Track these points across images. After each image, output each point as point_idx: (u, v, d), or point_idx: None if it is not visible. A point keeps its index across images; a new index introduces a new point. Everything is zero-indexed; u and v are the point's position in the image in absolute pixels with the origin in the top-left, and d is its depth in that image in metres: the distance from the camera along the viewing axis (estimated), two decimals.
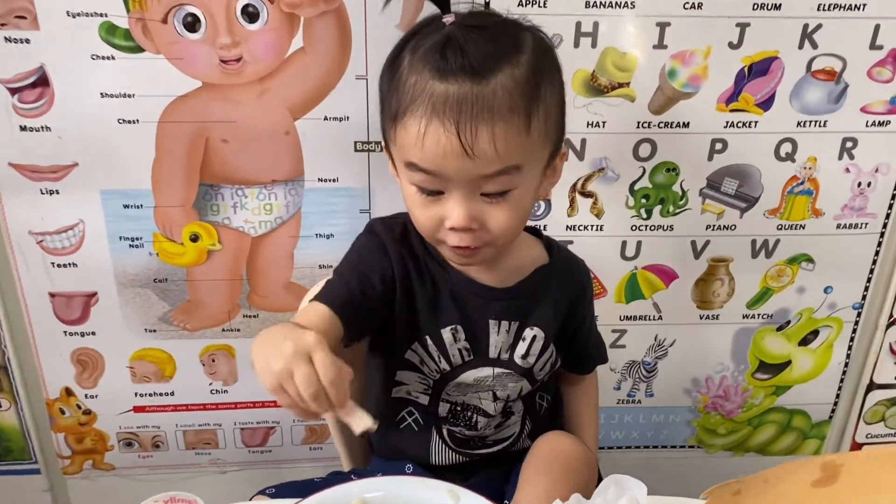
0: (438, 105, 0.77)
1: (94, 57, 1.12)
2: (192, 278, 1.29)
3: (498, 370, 0.96)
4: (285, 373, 0.66)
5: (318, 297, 0.89)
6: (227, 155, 1.20)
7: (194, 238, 1.26)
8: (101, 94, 1.15)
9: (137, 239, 1.25)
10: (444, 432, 1.00)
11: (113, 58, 1.12)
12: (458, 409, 0.98)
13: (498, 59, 0.78)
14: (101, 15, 1.10)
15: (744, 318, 1.42)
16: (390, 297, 0.92)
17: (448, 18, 0.80)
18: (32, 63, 1.12)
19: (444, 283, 0.94)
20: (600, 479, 0.96)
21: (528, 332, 0.96)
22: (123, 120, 1.16)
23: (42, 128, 1.16)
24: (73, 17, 1.09)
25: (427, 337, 0.94)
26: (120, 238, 1.25)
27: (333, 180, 1.24)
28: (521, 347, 0.96)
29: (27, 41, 1.10)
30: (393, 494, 0.72)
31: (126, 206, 1.23)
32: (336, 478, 1.02)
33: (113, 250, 1.26)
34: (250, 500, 0.93)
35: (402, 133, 0.80)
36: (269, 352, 0.68)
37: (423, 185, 0.82)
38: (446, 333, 0.93)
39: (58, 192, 1.21)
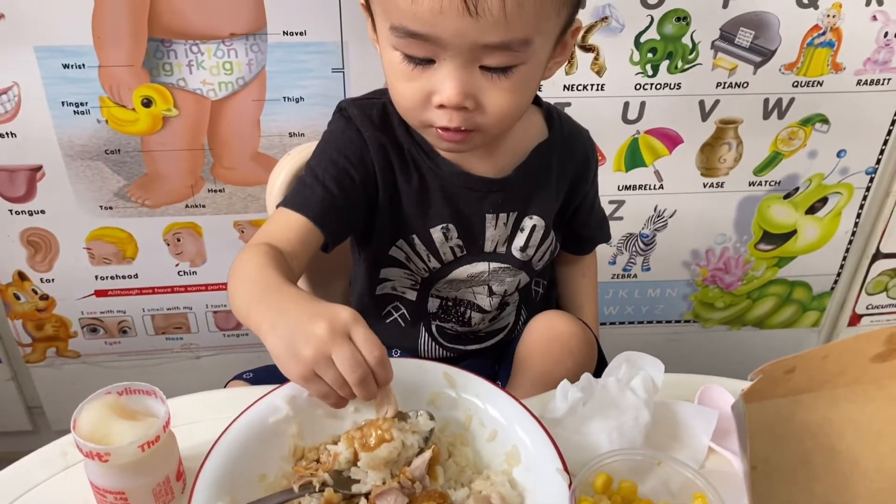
0: None
1: None
2: (148, 149, 1.16)
3: (494, 265, 0.86)
4: (321, 358, 0.56)
5: (290, 203, 0.76)
6: (177, 3, 1.06)
7: (147, 102, 1.13)
8: None
9: (83, 104, 1.12)
10: (434, 328, 0.90)
11: None
12: (450, 304, 0.89)
13: None
14: None
15: (750, 185, 1.32)
16: (372, 193, 0.80)
17: None
18: None
19: (432, 177, 0.81)
20: (602, 359, 0.90)
21: (528, 222, 0.85)
22: None
23: None
24: None
25: (414, 236, 0.82)
26: (63, 103, 1.12)
27: (301, 34, 1.10)
28: (520, 239, 0.86)
29: None
30: None
31: (66, 66, 1.09)
32: None
33: (56, 117, 1.12)
34: (226, 385, 0.86)
35: None
36: (294, 334, 0.57)
37: (411, 51, 0.67)
38: (436, 233, 0.82)
39: None
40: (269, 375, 0.86)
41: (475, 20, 0.62)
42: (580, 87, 1.19)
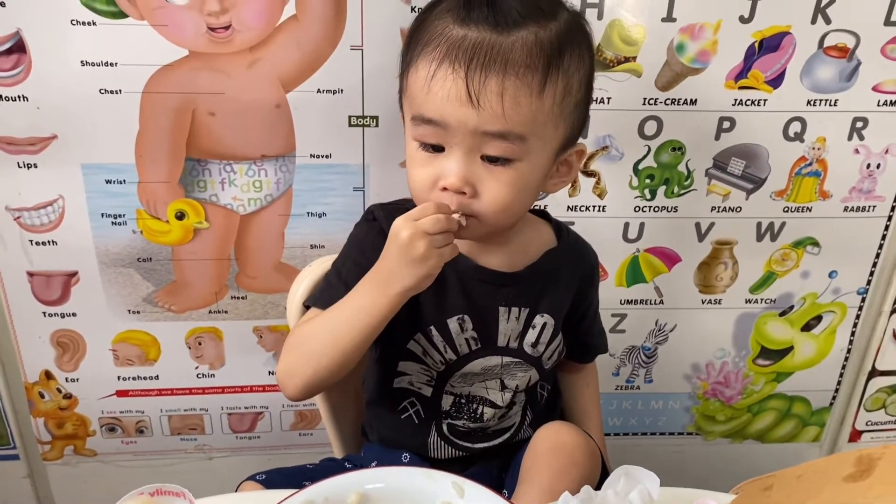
0: (452, 48, 0.74)
1: (74, 22, 1.06)
2: (178, 258, 1.24)
3: (507, 359, 0.92)
4: (423, 240, 0.76)
5: (318, 302, 0.86)
6: (214, 128, 1.15)
7: (180, 216, 1.21)
8: (82, 62, 1.08)
9: (120, 216, 1.20)
10: (444, 427, 0.95)
11: (94, 23, 1.06)
12: (463, 401, 0.94)
13: (525, 18, 0.74)
14: None
15: (746, 302, 1.38)
16: None
17: None
18: (8, 28, 1.06)
19: (449, 270, 0.86)
20: (606, 470, 0.94)
21: (539, 320, 0.92)
22: (105, 90, 1.10)
23: (19, 97, 1.10)
24: None
25: (432, 327, 0.89)
26: (102, 215, 1.20)
27: (326, 157, 1.19)
28: (531, 335, 0.92)
29: (2, 4, 1.04)
30: (394, 486, 0.68)
31: (108, 182, 1.17)
32: (330, 464, 0.98)
33: (95, 227, 1.20)
34: (238, 487, 0.89)
35: (413, 79, 0.78)
36: (402, 263, 0.77)
37: (426, 139, 0.78)
38: (453, 323, 0.89)
39: (36, 166, 1.15)
40: (282, 477, 0.90)
41: (476, 111, 0.74)
42: (583, 208, 1.27)
